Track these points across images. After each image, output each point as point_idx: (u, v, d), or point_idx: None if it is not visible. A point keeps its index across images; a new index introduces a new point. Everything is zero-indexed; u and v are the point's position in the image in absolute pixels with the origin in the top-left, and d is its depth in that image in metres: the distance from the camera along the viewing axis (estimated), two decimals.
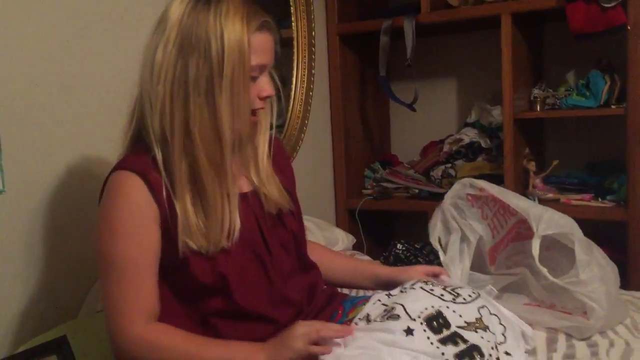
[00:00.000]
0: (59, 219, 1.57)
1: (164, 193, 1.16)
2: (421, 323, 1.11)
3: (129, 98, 1.25)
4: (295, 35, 2.44)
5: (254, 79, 1.19)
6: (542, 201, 2.27)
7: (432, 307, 1.15)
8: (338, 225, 2.60)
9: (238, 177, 1.27)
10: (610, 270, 1.51)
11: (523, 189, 2.35)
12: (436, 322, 1.12)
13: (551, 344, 1.39)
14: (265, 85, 1.21)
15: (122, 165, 1.20)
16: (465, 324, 1.13)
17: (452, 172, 2.48)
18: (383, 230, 2.83)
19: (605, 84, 2.18)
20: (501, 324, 1.20)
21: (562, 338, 1.43)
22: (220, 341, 1.16)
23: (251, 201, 1.27)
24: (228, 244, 1.17)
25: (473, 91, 2.69)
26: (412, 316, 1.12)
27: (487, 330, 1.15)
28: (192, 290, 1.19)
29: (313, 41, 2.49)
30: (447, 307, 1.16)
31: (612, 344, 1.37)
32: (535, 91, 2.35)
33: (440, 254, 1.64)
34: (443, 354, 1.07)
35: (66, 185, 1.58)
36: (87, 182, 1.63)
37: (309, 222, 2.04)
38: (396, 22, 2.42)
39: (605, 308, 1.40)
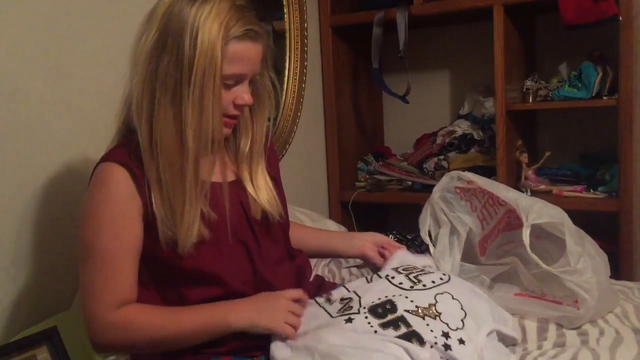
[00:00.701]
0: (49, 213, 1.57)
1: (146, 185, 1.16)
2: (365, 312, 1.16)
3: (117, 94, 1.25)
4: (287, 27, 2.43)
5: (228, 86, 1.17)
6: (535, 193, 2.28)
7: (386, 296, 1.20)
8: (331, 217, 2.60)
9: (223, 166, 1.26)
10: (601, 260, 1.51)
11: (515, 181, 2.36)
12: (382, 308, 1.17)
13: (541, 332, 1.40)
14: (241, 93, 1.19)
15: (108, 156, 1.20)
16: (416, 309, 1.17)
17: (445, 164, 2.48)
18: (376, 222, 2.83)
19: (597, 75, 2.18)
20: (462, 309, 1.22)
21: (552, 327, 1.43)
22: (192, 307, 1.17)
23: (238, 190, 1.27)
24: (190, 249, 1.16)
25: (466, 83, 2.69)
26: (361, 307, 1.18)
27: (437, 318, 1.17)
28: (175, 279, 1.20)
29: (305, 33, 2.49)
30: (400, 294, 1.20)
31: (602, 333, 1.38)
32: (528, 83, 2.35)
33: (431, 247, 1.64)
34: (377, 332, 1.12)
35: (55, 180, 1.58)
36: (75, 177, 1.62)
37: (301, 214, 2.04)
38: (389, 13, 2.42)
39: (595, 298, 1.41)
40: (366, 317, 1.16)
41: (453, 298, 1.23)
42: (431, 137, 2.64)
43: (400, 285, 1.24)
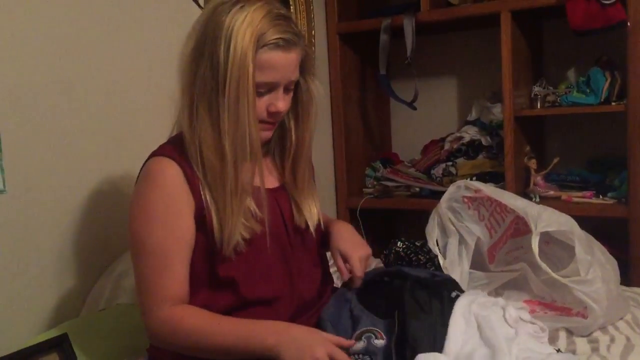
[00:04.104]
0: (60, 218, 1.57)
1: (199, 183, 1.17)
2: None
3: (129, 95, 1.25)
4: None
5: (260, 93, 1.17)
6: (543, 199, 2.27)
7: None
8: None
9: (266, 172, 1.28)
10: (611, 268, 1.51)
11: (524, 187, 2.35)
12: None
13: (552, 340, 1.39)
14: (275, 100, 1.19)
15: (160, 151, 1.21)
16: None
17: (453, 170, 2.48)
18: (384, 228, 2.82)
19: (605, 81, 2.17)
20: None
21: (562, 335, 1.43)
22: (238, 321, 1.16)
23: (280, 198, 1.28)
24: (228, 254, 1.17)
25: (473, 89, 2.69)
26: None
27: None
28: (209, 281, 1.20)
29: (313, 40, 2.49)
30: None
31: (612, 340, 1.37)
32: (536, 89, 2.34)
33: (440, 258, 1.65)
34: None
35: (67, 184, 1.58)
36: (88, 180, 1.63)
37: None
38: (396, 20, 2.42)
39: (604, 308, 1.40)
40: None
41: None
42: (439, 143, 2.64)
43: None
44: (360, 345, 1.17)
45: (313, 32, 2.49)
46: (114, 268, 1.62)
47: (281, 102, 1.20)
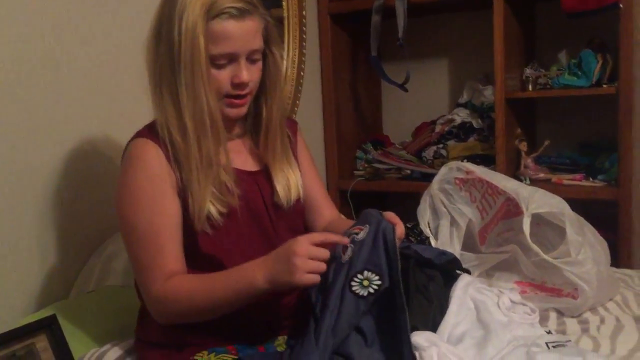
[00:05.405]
0: (48, 201, 1.56)
1: (173, 163, 1.18)
2: None
3: (116, 74, 1.24)
4: (285, 14, 2.41)
5: (221, 66, 1.17)
6: (534, 181, 2.28)
7: None
8: None
9: (245, 152, 1.28)
10: (601, 249, 1.52)
11: (515, 169, 2.35)
12: None
13: (543, 321, 1.40)
14: (237, 71, 1.18)
15: (141, 132, 1.22)
16: None
17: (443, 152, 2.47)
18: None
19: (597, 63, 2.17)
20: None
21: (553, 315, 1.43)
22: (223, 273, 1.15)
23: (260, 180, 1.28)
24: (201, 227, 1.17)
25: (465, 71, 2.68)
26: None
27: None
28: (192, 261, 1.20)
29: (304, 20, 2.47)
30: None
31: (602, 321, 1.38)
32: (527, 71, 2.34)
33: (432, 240, 1.65)
34: None
35: (53, 162, 1.56)
36: (74, 165, 1.61)
37: None
38: (388, 1, 2.40)
39: (595, 289, 1.41)
40: None
41: None
42: (430, 126, 2.63)
43: None
44: (349, 252, 1.14)
45: (304, 12, 2.46)
46: (103, 249, 1.61)
47: (244, 73, 1.18)
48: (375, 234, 1.14)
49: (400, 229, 1.20)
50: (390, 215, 1.22)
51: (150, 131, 1.21)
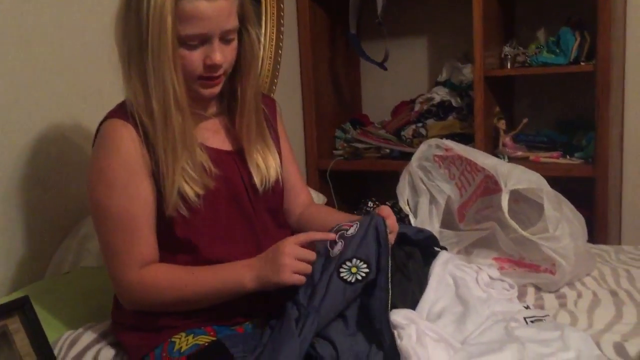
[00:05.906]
0: (19, 182, 1.52)
1: (146, 143, 1.15)
2: None
3: (90, 52, 1.21)
4: None
5: (192, 47, 1.12)
6: (512, 159, 2.29)
7: None
8: (309, 185, 2.57)
9: (221, 133, 1.25)
10: (578, 224, 1.53)
11: (493, 148, 2.36)
12: None
13: (521, 296, 1.41)
14: (210, 53, 1.13)
15: (113, 113, 1.18)
16: None
17: (423, 131, 2.47)
18: (354, 190, 2.82)
19: (575, 41, 2.17)
20: None
21: (531, 290, 1.44)
22: (211, 268, 1.15)
23: (239, 160, 1.25)
24: (173, 209, 1.14)
25: (444, 49, 2.67)
26: None
27: None
28: (169, 244, 1.18)
29: None
30: None
31: (579, 295, 1.39)
32: (506, 49, 2.34)
33: (411, 217, 1.64)
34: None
35: (23, 141, 1.53)
36: (47, 138, 1.58)
37: None
38: None
39: (572, 264, 1.42)
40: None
41: None
42: (409, 105, 2.62)
43: None
44: (338, 246, 1.15)
45: None
46: (78, 230, 1.58)
47: (217, 54, 1.14)
48: (367, 227, 1.15)
49: (392, 221, 1.19)
50: (382, 209, 1.21)
51: (122, 111, 1.17)
